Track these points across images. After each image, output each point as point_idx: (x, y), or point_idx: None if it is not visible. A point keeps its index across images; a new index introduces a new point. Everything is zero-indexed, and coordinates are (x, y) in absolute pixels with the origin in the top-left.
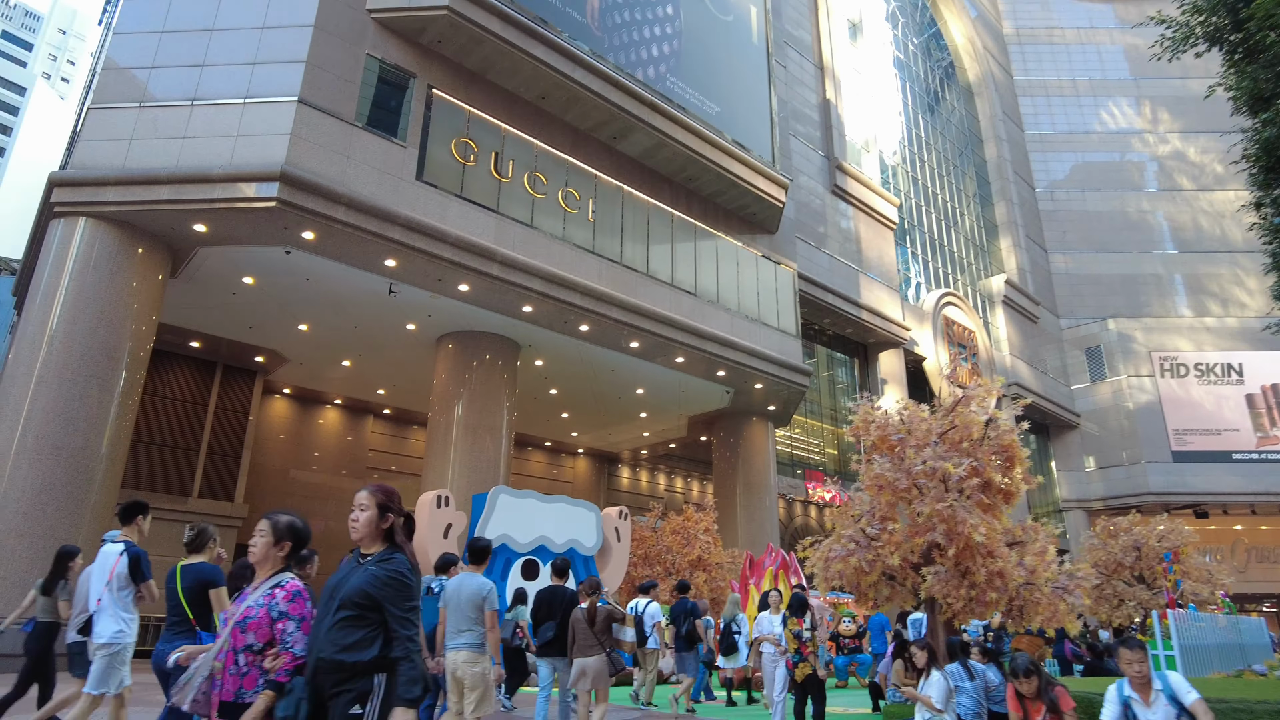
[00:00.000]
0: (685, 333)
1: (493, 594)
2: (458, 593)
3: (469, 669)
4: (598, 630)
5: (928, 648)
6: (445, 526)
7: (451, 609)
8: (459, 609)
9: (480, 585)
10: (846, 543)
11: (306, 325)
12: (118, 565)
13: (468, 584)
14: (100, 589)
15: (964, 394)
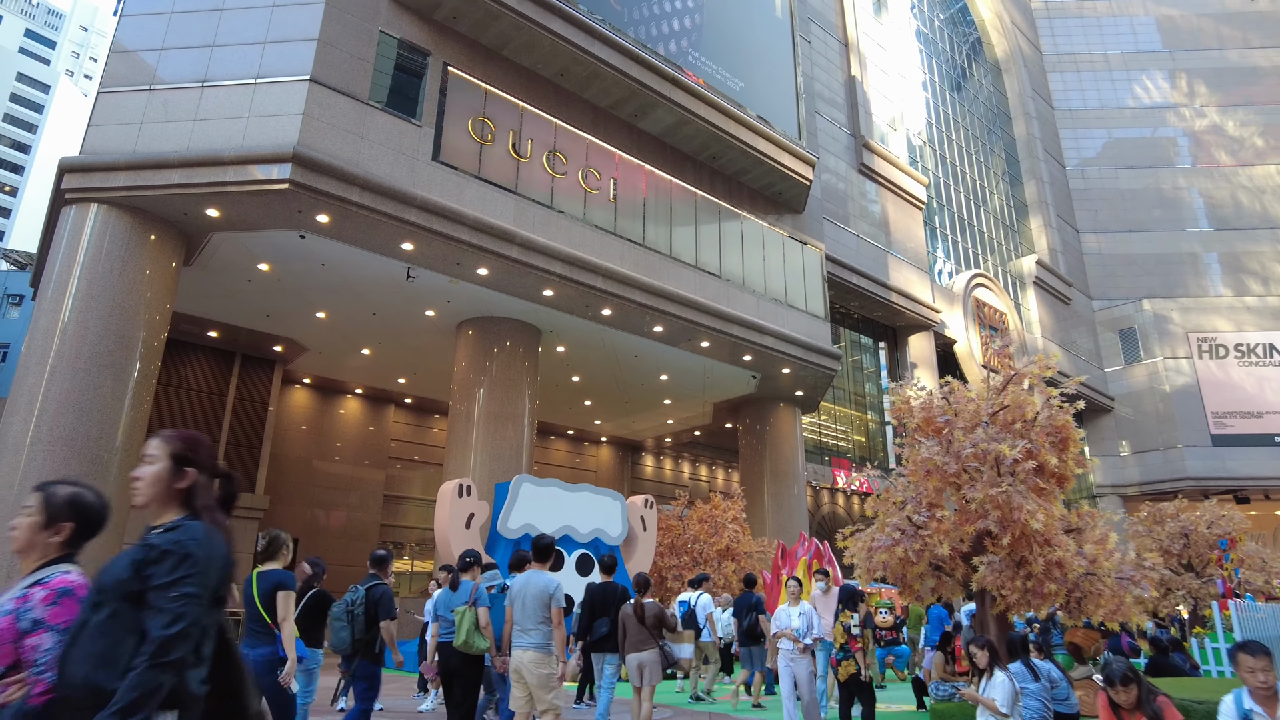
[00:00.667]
0: (710, 316)
1: (559, 591)
2: (524, 591)
3: (536, 670)
4: (649, 625)
5: (988, 646)
6: (468, 516)
7: (518, 607)
8: (525, 607)
9: (547, 582)
10: (891, 531)
11: (324, 313)
12: None
13: (534, 581)
14: None
15: (1016, 372)
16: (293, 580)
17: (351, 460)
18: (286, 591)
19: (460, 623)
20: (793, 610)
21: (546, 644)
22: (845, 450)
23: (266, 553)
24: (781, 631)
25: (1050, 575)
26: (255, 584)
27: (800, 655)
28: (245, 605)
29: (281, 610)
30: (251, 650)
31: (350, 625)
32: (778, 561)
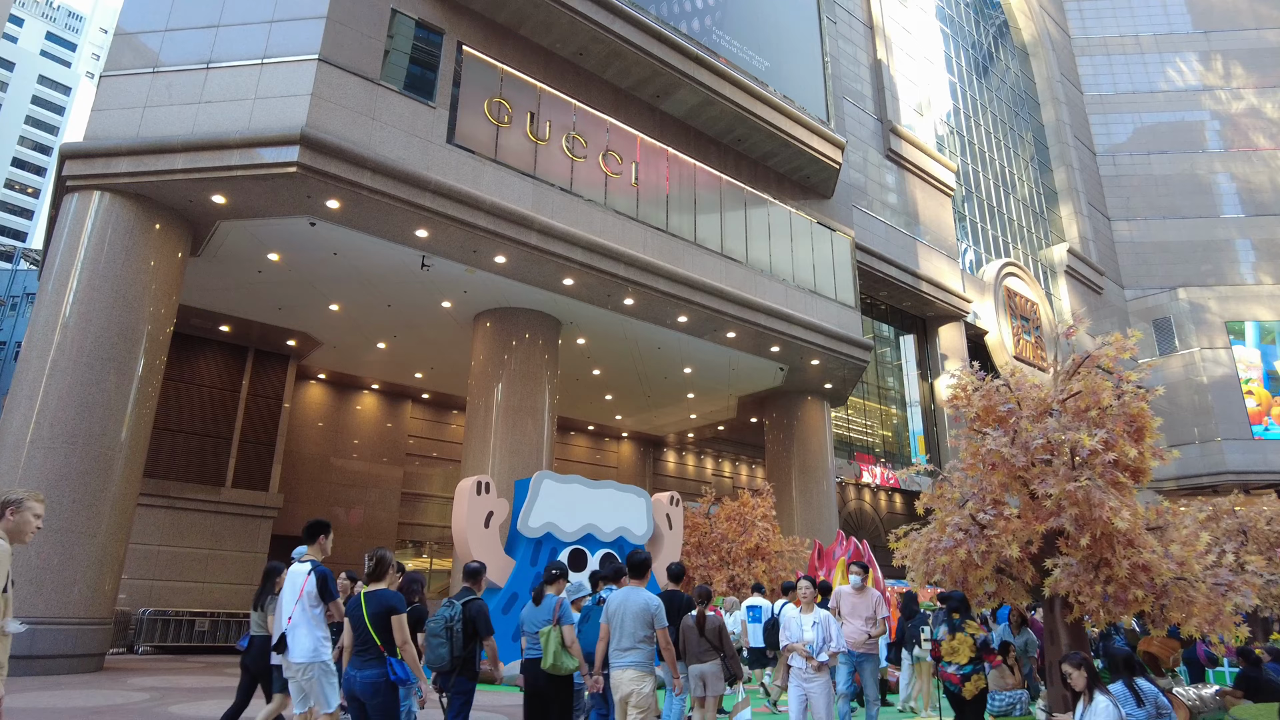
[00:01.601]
0: (736, 305)
1: (661, 610)
2: (622, 608)
3: (636, 688)
4: (708, 637)
5: (1085, 665)
6: (486, 514)
7: (615, 625)
8: (623, 625)
9: (648, 600)
10: (953, 532)
11: (338, 305)
12: (307, 584)
13: (634, 598)
14: (291, 607)
15: (1088, 354)
16: (404, 602)
17: (368, 457)
18: (399, 616)
19: (546, 643)
20: (805, 618)
21: (647, 662)
22: (870, 446)
23: (374, 573)
24: (792, 645)
25: (1135, 580)
26: (364, 605)
27: (815, 674)
28: (353, 627)
29: (399, 635)
30: (359, 672)
31: (449, 641)
32: (814, 562)
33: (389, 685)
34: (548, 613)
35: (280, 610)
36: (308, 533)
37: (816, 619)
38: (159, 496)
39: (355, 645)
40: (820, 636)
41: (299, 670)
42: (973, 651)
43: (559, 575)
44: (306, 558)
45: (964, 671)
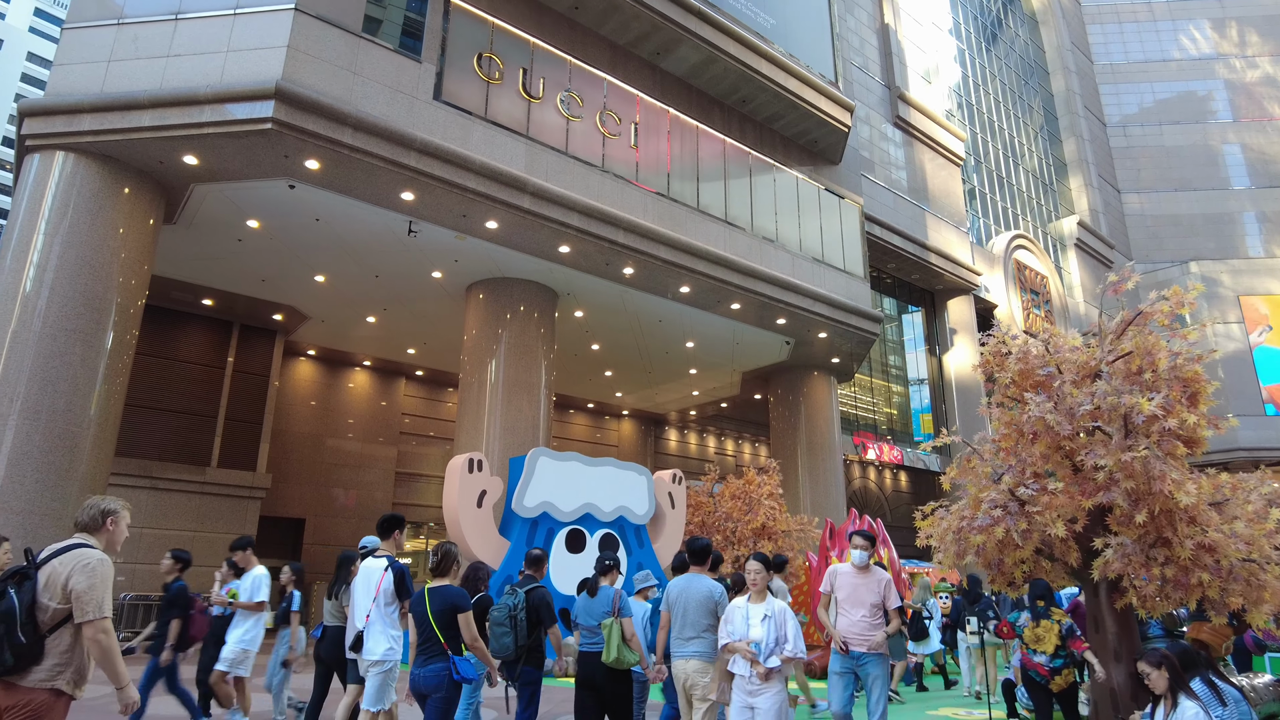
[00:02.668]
0: (741, 275)
1: (724, 597)
2: (684, 596)
3: (700, 679)
4: None
5: (1167, 663)
6: (479, 493)
7: (678, 613)
8: (686, 614)
9: (711, 588)
10: (989, 509)
11: (323, 276)
12: (383, 581)
13: (696, 587)
14: (367, 605)
15: (1140, 311)
16: (468, 599)
17: (361, 436)
18: (466, 614)
19: (609, 636)
20: (755, 610)
21: (711, 651)
22: (876, 424)
23: (439, 568)
24: (733, 645)
25: (1199, 562)
26: (428, 600)
27: (762, 683)
28: (416, 623)
29: (466, 634)
30: (422, 669)
31: (513, 630)
32: (825, 542)
33: (452, 681)
34: (605, 604)
35: (355, 607)
36: (382, 527)
37: (769, 611)
38: (140, 477)
39: (419, 641)
40: (771, 635)
41: (374, 667)
42: (1059, 640)
43: (613, 566)
44: (381, 553)
45: (1054, 665)
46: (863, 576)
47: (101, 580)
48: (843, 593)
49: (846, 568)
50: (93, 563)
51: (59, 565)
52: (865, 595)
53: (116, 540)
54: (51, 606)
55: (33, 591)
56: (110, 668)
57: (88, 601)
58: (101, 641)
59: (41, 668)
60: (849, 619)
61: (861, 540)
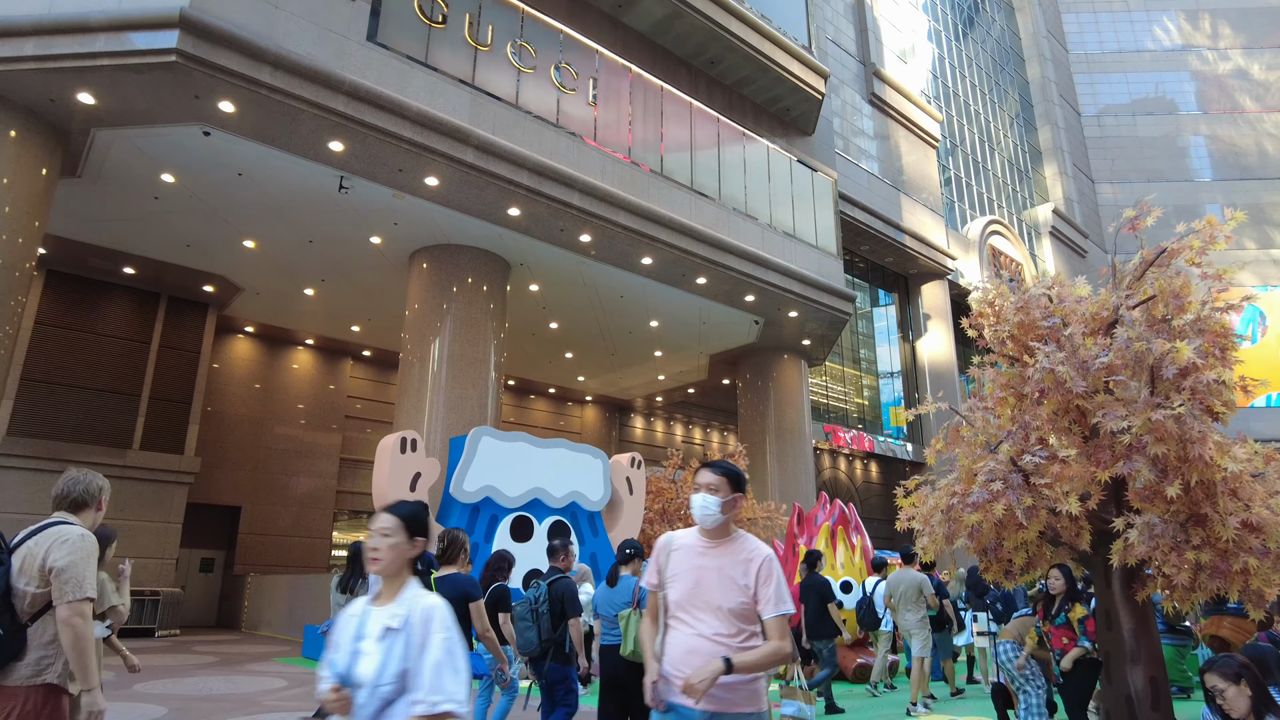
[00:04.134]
0: (707, 246)
1: None
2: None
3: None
4: None
5: (1248, 676)
6: (413, 476)
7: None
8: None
9: None
10: (986, 482)
11: (253, 241)
12: None
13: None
14: None
15: (1164, 249)
16: (479, 588)
17: (305, 420)
18: (477, 603)
19: (626, 628)
20: (372, 619)
21: None
22: (846, 414)
23: (446, 555)
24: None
25: (1244, 544)
26: (435, 590)
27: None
28: None
29: (479, 624)
30: None
31: (536, 625)
32: (793, 528)
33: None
34: (626, 595)
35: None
36: None
37: (395, 621)
38: (47, 459)
39: None
40: (390, 667)
41: None
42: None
43: (634, 555)
44: None
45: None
46: (716, 549)
47: (83, 557)
48: (677, 584)
49: (688, 535)
50: (72, 538)
51: (34, 545)
52: (718, 588)
53: (98, 523)
54: (30, 592)
55: (6, 576)
56: (79, 660)
57: (68, 579)
58: (76, 626)
59: (25, 663)
60: (683, 635)
61: (711, 475)
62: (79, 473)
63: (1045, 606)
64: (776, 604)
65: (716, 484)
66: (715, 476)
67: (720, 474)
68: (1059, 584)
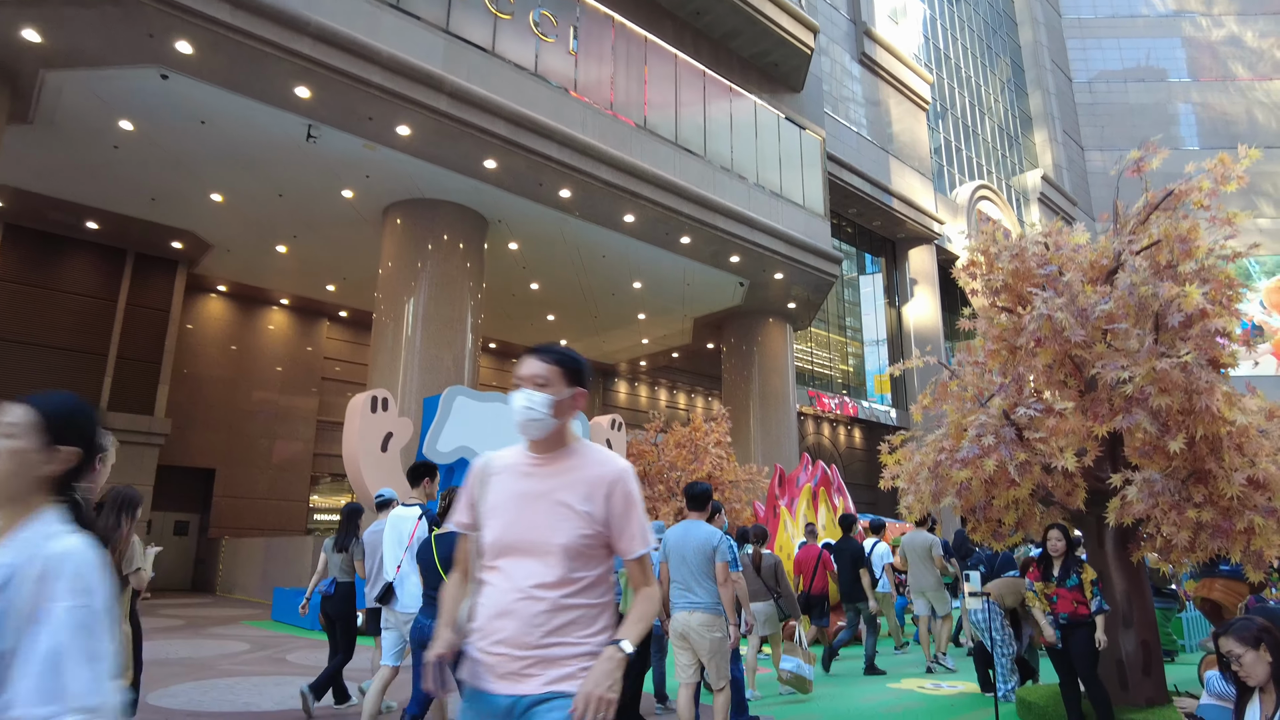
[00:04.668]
0: (692, 204)
1: (724, 543)
2: (682, 544)
3: (707, 634)
4: (764, 577)
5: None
6: (384, 436)
7: (675, 563)
8: (686, 562)
9: (709, 534)
10: (977, 437)
11: (220, 195)
12: (418, 530)
13: (694, 533)
14: (398, 556)
15: (1170, 190)
16: None
17: (281, 381)
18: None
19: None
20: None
21: (716, 604)
22: (831, 380)
23: (449, 513)
24: None
25: (1249, 502)
26: (434, 548)
27: None
28: (423, 572)
29: None
30: (429, 620)
31: None
32: (774, 490)
33: None
34: None
35: (385, 558)
36: (412, 475)
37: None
38: None
39: (426, 592)
40: None
41: (409, 621)
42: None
43: None
44: (412, 501)
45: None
46: (546, 468)
47: None
48: (494, 521)
49: (512, 454)
50: None
51: None
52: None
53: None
54: None
55: None
56: None
57: None
58: None
59: None
60: (495, 592)
61: (538, 364)
62: None
63: (1043, 569)
64: (642, 539)
65: (546, 376)
66: (543, 365)
67: (551, 362)
68: (1060, 544)
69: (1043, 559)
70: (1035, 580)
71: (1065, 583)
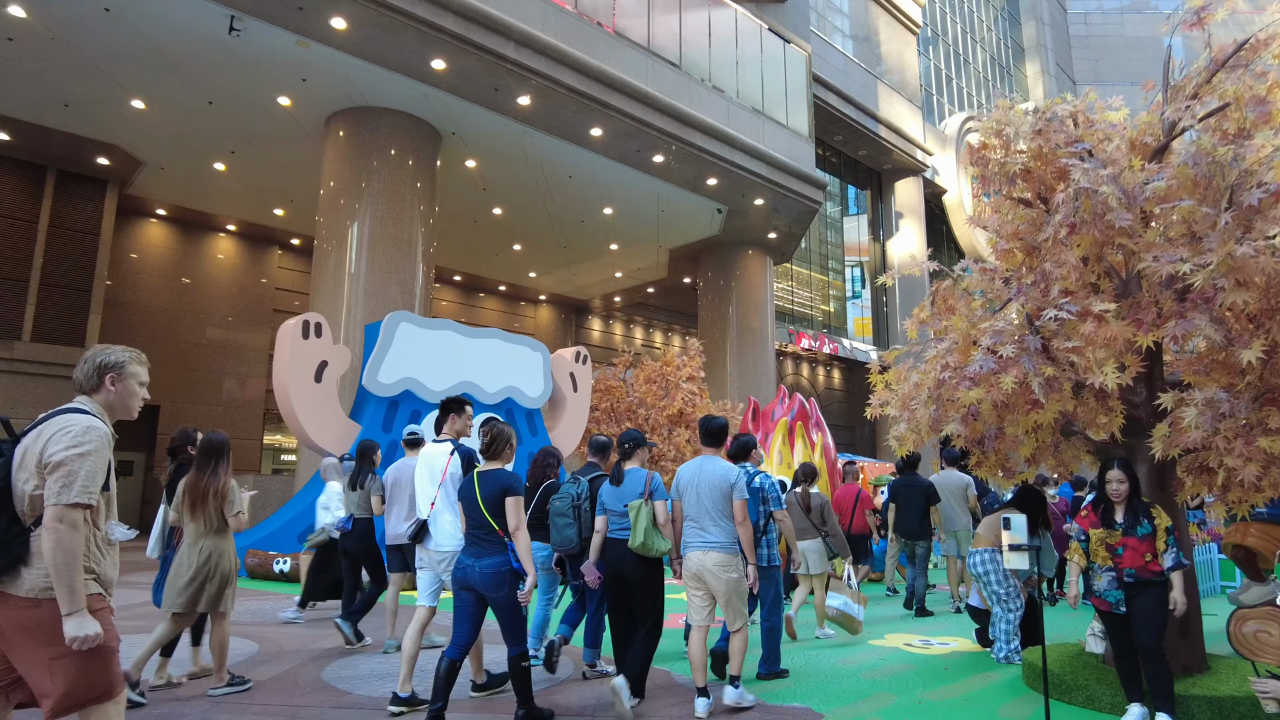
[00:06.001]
0: (666, 118)
1: (741, 480)
2: (696, 480)
3: (723, 574)
4: (813, 517)
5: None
6: (318, 365)
7: (690, 500)
8: (700, 500)
9: (726, 471)
10: (994, 348)
11: (142, 101)
12: (450, 466)
13: (710, 469)
14: (431, 493)
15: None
16: (520, 483)
17: (230, 314)
18: (516, 497)
19: (636, 519)
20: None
21: (733, 543)
22: (811, 320)
23: (490, 450)
24: None
25: None
26: (478, 485)
27: None
28: (467, 511)
29: (513, 519)
30: (476, 561)
31: (576, 521)
32: (746, 425)
33: (513, 574)
34: (637, 488)
35: (418, 495)
36: (443, 409)
37: None
38: None
39: (469, 531)
40: None
41: (443, 560)
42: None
43: (635, 445)
44: (444, 436)
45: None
46: None
47: (84, 452)
48: None
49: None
50: (75, 428)
51: (35, 439)
52: None
53: (128, 405)
54: (28, 492)
55: (6, 469)
56: (61, 578)
57: (62, 476)
58: (61, 535)
59: (35, 571)
60: None
61: None
62: (93, 350)
63: (1102, 514)
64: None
65: None
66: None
67: None
68: (1124, 486)
69: (1098, 502)
70: (1090, 528)
71: (1135, 531)
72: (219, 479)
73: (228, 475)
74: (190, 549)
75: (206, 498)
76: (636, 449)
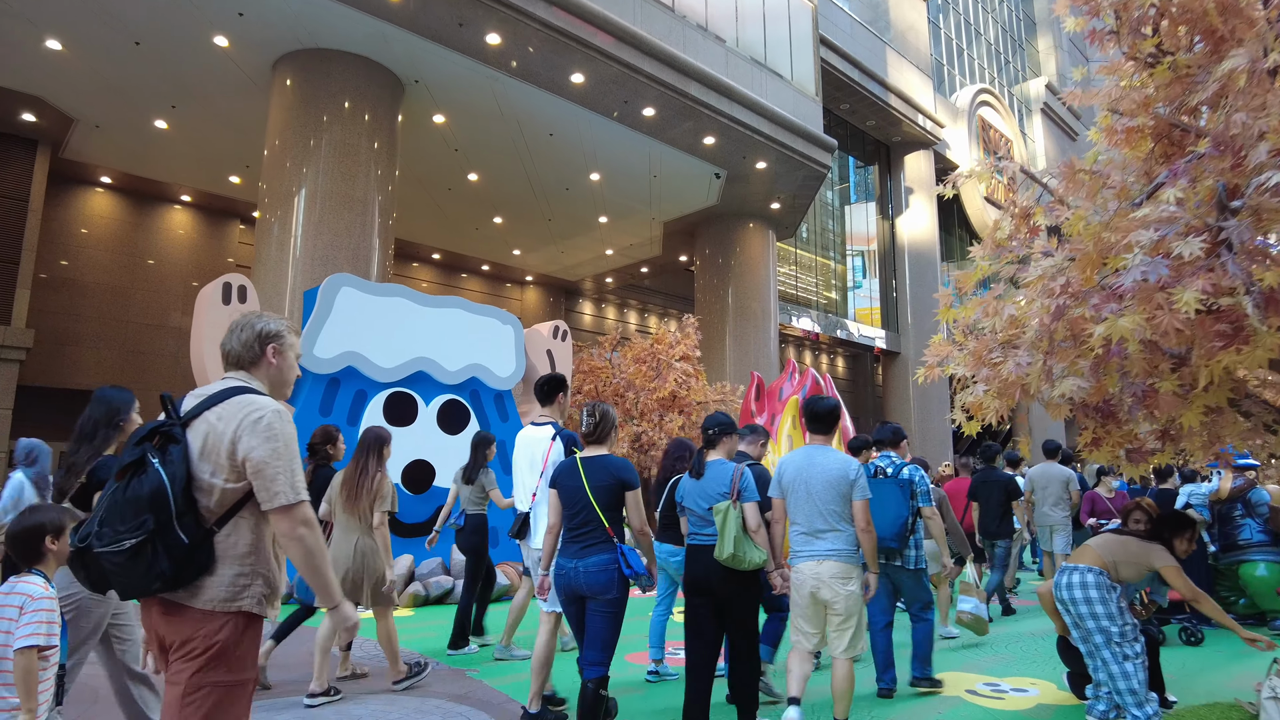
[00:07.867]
0: (658, 64)
1: (862, 477)
2: (805, 475)
3: (841, 588)
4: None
5: None
6: None
7: (799, 500)
8: (812, 499)
9: (844, 465)
10: (1159, 244)
11: (59, 42)
12: (552, 452)
13: (820, 462)
14: (533, 483)
15: None
16: (635, 473)
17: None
18: (635, 492)
19: (724, 526)
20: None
21: (853, 550)
22: (814, 303)
23: (596, 434)
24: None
25: None
26: (584, 474)
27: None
28: (568, 502)
29: (636, 517)
30: (580, 561)
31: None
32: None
33: (624, 578)
34: (721, 485)
35: (517, 485)
36: (543, 391)
37: None
38: None
39: (572, 526)
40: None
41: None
42: None
43: (722, 432)
44: (545, 419)
45: None
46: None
47: (286, 443)
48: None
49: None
50: (267, 416)
51: (217, 422)
52: None
53: (288, 380)
54: (218, 485)
55: (186, 461)
56: (317, 579)
57: (275, 476)
58: (304, 539)
59: (218, 580)
60: None
61: None
62: (246, 316)
63: None
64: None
65: None
66: None
67: None
68: None
69: None
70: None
71: None
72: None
73: (382, 469)
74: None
75: (360, 492)
76: (723, 436)
